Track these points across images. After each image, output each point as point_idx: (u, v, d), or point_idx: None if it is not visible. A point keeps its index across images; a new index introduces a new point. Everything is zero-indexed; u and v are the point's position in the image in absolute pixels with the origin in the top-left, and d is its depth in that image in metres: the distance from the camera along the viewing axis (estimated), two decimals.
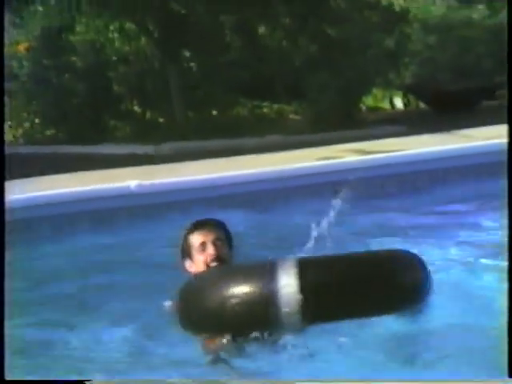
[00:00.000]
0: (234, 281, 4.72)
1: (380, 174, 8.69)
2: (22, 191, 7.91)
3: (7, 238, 6.63)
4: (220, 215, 5.34)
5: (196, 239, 4.97)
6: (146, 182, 8.01)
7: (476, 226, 7.25)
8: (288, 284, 4.56)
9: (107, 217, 7.49)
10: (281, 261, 4.62)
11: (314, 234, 5.00)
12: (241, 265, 4.99)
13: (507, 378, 4.11)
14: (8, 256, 6.26)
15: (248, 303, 4.63)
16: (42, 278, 6.10)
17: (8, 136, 11.28)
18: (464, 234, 7.02)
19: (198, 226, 5.00)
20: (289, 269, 4.59)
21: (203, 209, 7.30)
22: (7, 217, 6.73)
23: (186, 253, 4.97)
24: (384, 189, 8.56)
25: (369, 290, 4.59)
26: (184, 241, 4.98)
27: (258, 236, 6.80)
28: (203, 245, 4.94)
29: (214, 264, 4.89)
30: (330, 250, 5.48)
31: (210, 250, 4.92)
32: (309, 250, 4.98)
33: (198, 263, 4.95)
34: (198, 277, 4.87)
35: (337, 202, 5.11)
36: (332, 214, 5.02)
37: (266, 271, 4.63)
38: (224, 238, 4.96)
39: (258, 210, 7.83)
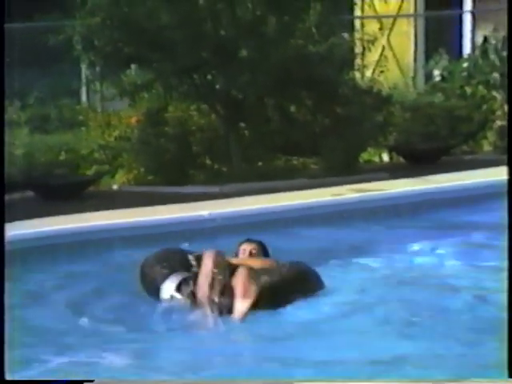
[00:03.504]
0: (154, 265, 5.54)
1: (372, 206, 8.72)
2: (133, 217, 7.98)
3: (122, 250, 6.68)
4: (261, 235, 5.74)
5: (242, 248, 5.80)
6: (215, 212, 8.06)
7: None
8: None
9: (189, 236, 7.51)
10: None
11: None
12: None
13: (507, 378, 3.52)
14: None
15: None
16: None
17: (123, 179, 11.34)
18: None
19: (244, 241, 5.85)
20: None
21: (254, 230, 7.38)
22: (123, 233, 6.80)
23: (237, 255, 5.76)
24: (375, 216, 8.58)
25: None
26: (238, 247, 5.82)
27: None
28: (244, 251, 5.75)
29: None
30: None
31: (246, 254, 5.73)
32: None
33: None
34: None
35: None
36: None
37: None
38: (258, 249, 5.73)
39: (288, 232, 7.87)
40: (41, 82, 12.59)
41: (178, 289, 5.16)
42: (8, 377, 3.72)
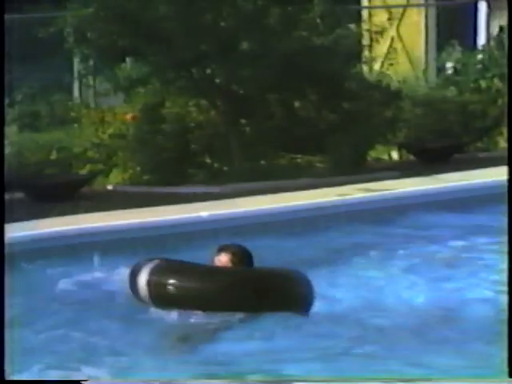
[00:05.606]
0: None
1: (381, 206, 8.74)
2: (127, 219, 8.01)
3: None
4: (263, 239, 5.70)
5: (217, 258, 5.45)
6: (214, 212, 8.08)
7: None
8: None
9: (185, 239, 7.51)
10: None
11: None
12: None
13: (507, 378, 3.59)
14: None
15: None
16: None
17: (118, 178, 11.31)
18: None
19: (220, 249, 5.48)
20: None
21: (256, 232, 7.40)
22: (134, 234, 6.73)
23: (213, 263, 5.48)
24: (383, 216, 8.61)
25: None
26: (214, 254, 5.47)
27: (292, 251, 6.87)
28: (219, 261, 5.41)
29: None
30: None
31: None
32: None
33: None
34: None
35: None
36: None
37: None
38: (236, 260, 5.38)
39: (293, 233, 7.90)
40: (30, 77, 12.52)
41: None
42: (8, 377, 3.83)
